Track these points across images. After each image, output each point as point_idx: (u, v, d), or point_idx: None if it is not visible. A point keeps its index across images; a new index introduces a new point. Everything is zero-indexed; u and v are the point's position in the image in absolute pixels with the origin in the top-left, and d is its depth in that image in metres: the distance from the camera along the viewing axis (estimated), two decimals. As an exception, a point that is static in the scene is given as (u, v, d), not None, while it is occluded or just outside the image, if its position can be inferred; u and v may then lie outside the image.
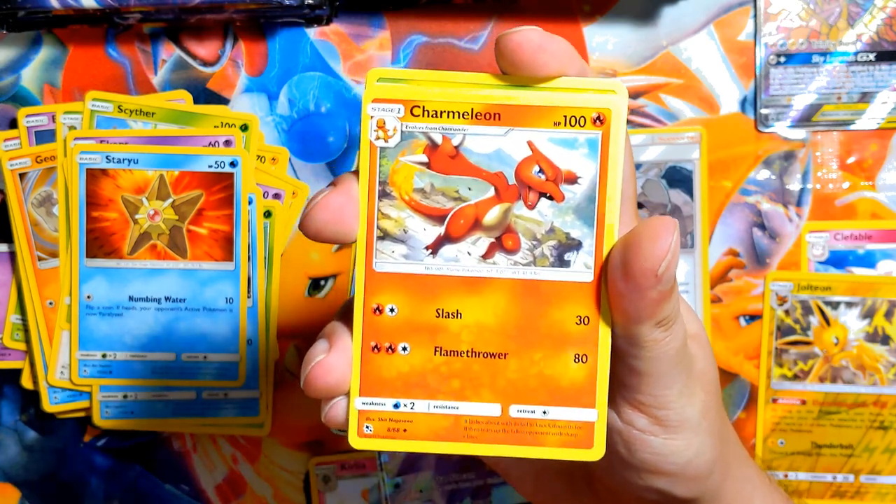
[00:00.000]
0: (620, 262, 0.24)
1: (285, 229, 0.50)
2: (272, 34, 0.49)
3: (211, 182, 0.48)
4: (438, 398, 0.26)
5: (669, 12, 0.49)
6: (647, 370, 0.26)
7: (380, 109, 0.25)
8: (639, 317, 0.25)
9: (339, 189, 0.26)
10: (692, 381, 0.27)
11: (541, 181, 0.26)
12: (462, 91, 0.25)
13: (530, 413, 0.26)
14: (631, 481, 0.29)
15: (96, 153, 0.48)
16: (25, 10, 0.46)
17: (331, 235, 0.26)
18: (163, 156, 0.48)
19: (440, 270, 0.26)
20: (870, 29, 0.49)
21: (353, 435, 0.26)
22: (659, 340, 0.26)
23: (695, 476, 0.28)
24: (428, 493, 0.51)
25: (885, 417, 0.50)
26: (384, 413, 0.26)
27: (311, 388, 0.26)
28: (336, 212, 0.25)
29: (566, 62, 0.25)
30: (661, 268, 0.24)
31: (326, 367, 0.26)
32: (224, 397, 0.50)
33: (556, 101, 0.25)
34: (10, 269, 0.50)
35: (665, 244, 0.24)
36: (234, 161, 0.48)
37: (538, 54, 0.25)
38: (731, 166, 0.50)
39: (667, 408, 0.27)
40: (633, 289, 0.24)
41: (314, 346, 0.26)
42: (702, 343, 0.29)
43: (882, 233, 0.50)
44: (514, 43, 0.25)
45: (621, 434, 0.28)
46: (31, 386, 0.50)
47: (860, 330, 0.49)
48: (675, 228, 0.24)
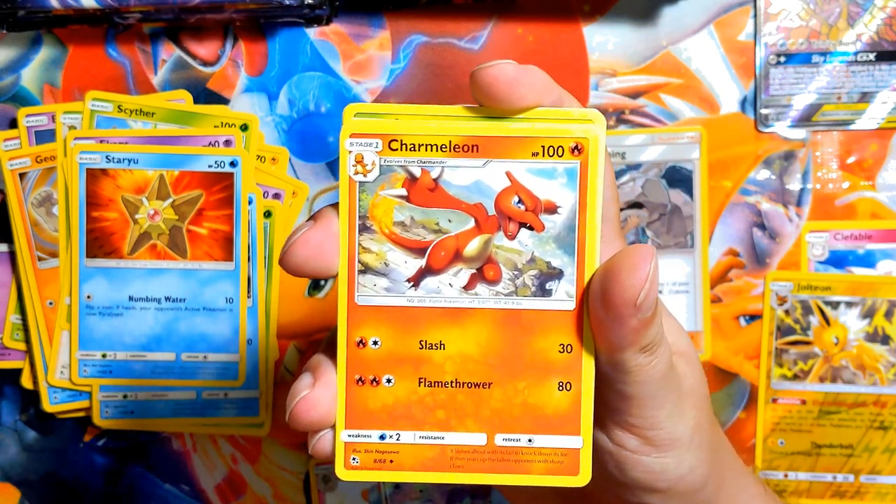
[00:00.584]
0: (600, 292, 0.25)
1: (285, 229, 0.50)
2: (272, 34, 0.49)
3: (211, 182, 0.48)
4: (424, 429, 0.26)
5: (669, 12, 0.49)
6: (635, 394, 0.26)
7: (358, 144, 0.25)
8: (621, 345, 0.25)
9: (319, 224, 0.26)
10: (682, 400, 0.27)
11: (520, 212, 0.26)
12: (439, 124, 0.25)
13: (516, 441, 0.26)
14: (625, 499, 0.29)
15: (96, 153, 0.48)
16: (25, 9, 0.46)
17: (311, 270, 0.26)
18: (163, 156, 0.48)
19: (422, 302, 0.26)
20: (870, 29, 0.49)
21: (339, 467, 0.26)
22: (644, 365, 0.26)
23: (688, 491, 0.28)
24: (428, 493, 0.51)
25: (885, 417, 0.50)
26: (370, 445, 0.26)
27: (297, 423, 0.26)
28: (316, 247, 0.25)
29: (542, 93, 0.25)
30: (640, 297, 0.24)
31: (311, 401, 0.26)
32: (224, 397, 0.50)
33: (534, 131, 0.25)
34: (10, 270, 0.50)
35: (643, 274, 0.24)
36: (234, 161, 0.48)
37: (513, 87, 0.25)
38: (731, 166, 0.50)
39: (657, 428, 0.27)
40: (614, 318, 0.24)
41: (299, 380, 0.27)
42: (690, 360, 0.29)
43: (882, 233, 0.50)
44: (490, 77, 0.25)
45: (612, 455, 0.28)
46: (31, 386, 0.50)
47: (860, 330, 0.49)
48: (653, 257, 0.24)
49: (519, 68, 0.25)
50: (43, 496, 0.52)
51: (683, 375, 0.28)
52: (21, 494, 0.52)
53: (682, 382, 0.27)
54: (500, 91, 0.25)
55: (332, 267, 0.26)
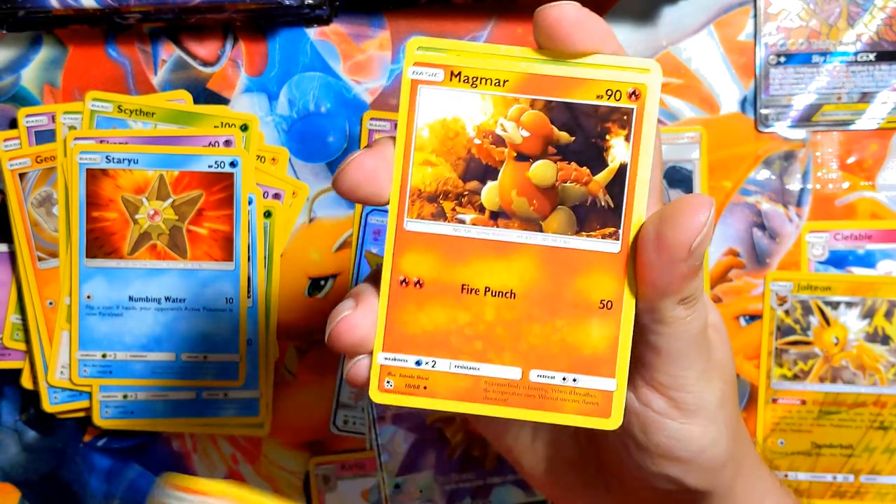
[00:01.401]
0: (654, 233, 0.25)
1: (285, 229, 0.50)
2: (272, 34, 0.49)
3: (211, 182, 0.48)
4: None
5: (669, 12, 0.49)
6: (667, 348, 0.26)
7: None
8: (665, 290, 0.25)
9: (375, 150, 0.26)
10: (711, 367, 0.27)
11: None
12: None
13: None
14: (644, 467, 0.29)
15: (96, 153, 0.48)
16: (25, 10, 0.46)
17: (363, 195, 0.26)
18: (163, 156, 0.48)
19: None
20: (870, 29, 0.49)
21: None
22: (681, 318, 0.26)
23: (708, 466, 0.28)
24: (428, 493, 0.51)
25: (885, 417, 0.50)
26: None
27: (336, 342, 0.26)
28: (370, 172, 0.26)
29: (602, 40, 0.25)
30: (696, 242, 0.24)
31: (351, 322, 0.26)
32: (224, 397, 0.50)
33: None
34: (10, 270, 0.50)
35: (702, 219, 0.24)
36: (234, 161, 0.48)
37: (575, 29, 0.25)
38: (731, 166, 0.50)
39: (685, 390, 0.27)
40: (665, 261, 0.24)
41: (341, 303, 0.27)
42: (721, 334, 0.29)
43: (882, 233, 0.50)
44: (553, 17, 0.25)
45: (638, 416, 0.28)
46: (31, 386, 0.50)
47: (860, 330, 0.49)
48: (712, 206, 0.24)
49: (581, 10, 0.25)
50: (43, 496, 0.52)
51: (714, 344, 0.28)
52: (21, 494, 0.52)
53: (712, 350, 0.28)
54: (561, 32, 0.25)
55: (384, 193, 0.26)
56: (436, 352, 0.26)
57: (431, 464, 0.51)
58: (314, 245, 0.50)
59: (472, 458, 0.51)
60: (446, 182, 0.26)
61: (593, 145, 0.26)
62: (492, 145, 0.26)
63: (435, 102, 0.26)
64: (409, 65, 0.26)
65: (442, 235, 0.26)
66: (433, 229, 0.26)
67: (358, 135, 0.50)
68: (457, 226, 0.26)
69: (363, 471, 0.51)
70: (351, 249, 0.50)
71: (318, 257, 0.50)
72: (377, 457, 0.51)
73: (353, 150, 0.50)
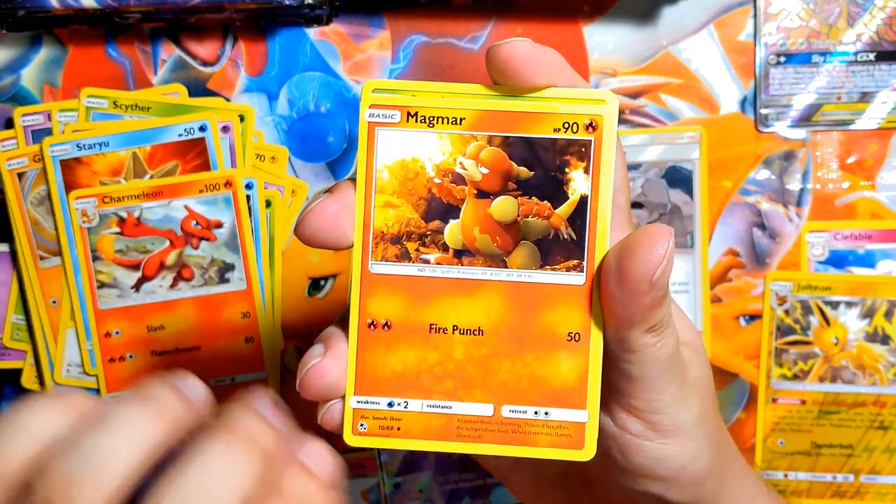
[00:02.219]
0: (616, 267, 0.25)
1: (285, 228, 0.50)
2: (272, 34, 0.49)
3: (184, 150, 0.48)
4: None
5: (669, 12, 0.49)
6: (639, 375, 0.26)
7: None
8: (631, 322, 0.25)
9: (335, 195, 0.26)
10: (686, 387, 0.27)
11: None
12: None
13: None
14: (626, 486, 0.29)
15: (66, 143, 0.48)
16: (25, 9, 0.46)
17: (325, 241, 0.26)
18: (132, 134, 0.48)
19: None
20: (870, 29, 0.49)
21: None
22: (650, 345, 0.26)
23: (690, 482, 0.28)
24: (428, 493, 0.51)
25: (885, 417, 0.50)
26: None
27: (307, 390, 0.26)
28: (331, 217, 0.26)
29: (557, 73, 0.25)
30: (656, 274, 0.24)
31: (322, 370, 0.26)
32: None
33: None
34: (10, 269, 0.50)
35: (661, 251, 0.24)
36: (202, 126, 0.48)
37: (528, 65, 0.25)
38: (731, 166, 0.50)
39: (660, 412, 0.27)
40: (627, 294, 0.24)
41: (311, 349, 0.27)
42: (697, 350, 0.29)
43: (882, 233, 0.50)
44: (505, 53, 0.25)
45: (615, 439, 0.28)
46: (38, 387, 0.50)
47: (860, 330, 0.49)
48: (671, 236, 0.24)
49: (534, 46, 0.25)
50: (43, 496, 0.52)
51: (689, 364, 0.28)
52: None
53: (687, 371, 0.28)
54: (515, 68, 0.25)
55: (347, 238, 0.26)
56: (407, 392, 0.27)
57: (431, 464, 0.51)
58: (314, 245, 0.50)
59: (472, 458, 0.51)
60: (408, 223, 0.27)
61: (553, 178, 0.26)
62: (452, 184, 0.26)
63: (393, 144, 0.26)
64: (364, 107, 0.26)
65: (407, 276, 0.26)
66: (398, 271, 0.26)
67: (357, 135, 0.50)
68: (422, 266, 0.26)
69: (363, 471, 0.51)
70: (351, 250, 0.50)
71: (318, 257, 0.50)
72: (377, 457, 0.51)
73: (353, 150, 0.50)
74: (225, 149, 0.49)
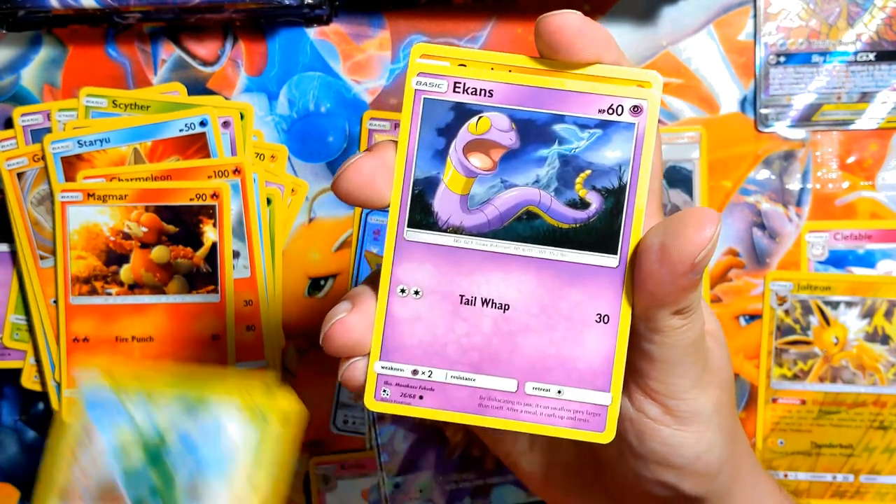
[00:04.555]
0: (659, 244, 0.24)
1: (285, 228, 0.50)
2: (272, 34, 0.49)
3: (185, 145, 0.48)
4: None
5: (669, 12, 0.49)
6: (661, 356, 0.26)
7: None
8: (663, 301, 0.25)
9: (374, 153, 0.26)
10: (706, 375, 0.27)
11: None
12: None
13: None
14: (640, 473, 0.29)
15: (67, 140, 0.48)
16: (25, 9, 0.46)
17: (361, 198, 0.26)
18: (133, 129, 0.48)
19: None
20: (870, 29, 0.49)
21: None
22: (676, 328, 0.26)
23: (704, 472, 0.28)
24: (428, 492, 0.51)
25: (885, 417, 0.50)
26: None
27: (330, 345, 0.26)
28: (368, 175, 0.26)
29: (603, 49, 0.25)
30: (700, 256, 0.24)
31: (347, 325, 0.26)
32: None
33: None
34: (10, 269, 0.50)
35: (708, 233, 0.24)
36: (203, 120, 0.48)
37: (577, 39, 0.25)
38: (731, 166, 0.50)
39: (678, 398, 0.27)
40: (666, 272, 0.24)
41: (337, 305, 0.27)
42: (719, 341, 0.29)
43: (882, 233, 0.50)
44: (554, 26, 0.25)
45: (633, 422, 0.28)
46: (39, 387, 0.50)
47: (860, 330, 0.49)
48: (719, 221, 0.24)
49: (583, 20, 0.25)
50: (43, 496, 0.52)
51: (711, 352, 0.28)
52: (21, 494, 0.52)
53: (708, 358, 0.28)
54: (563, 41, 0.25)
55: (383, 197, 0.26)
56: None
57: (431, 464, 0.51)
58: (314, 245, 0.50)
59: (472, 458, 0.51)
60: None
61: (191, 232, 0.28)
62: None
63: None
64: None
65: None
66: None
67: (358, 135, 0.50)
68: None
69: (363, 471, 0.51)
70: (351, 249, 0.50)
71: (317, 257, 0.50)
72: (377, 457, 0.51)
73: (353, 150, 0.50)
74: (226, 143, 0.49)
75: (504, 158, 0.26)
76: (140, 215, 0.30)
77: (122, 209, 0.35)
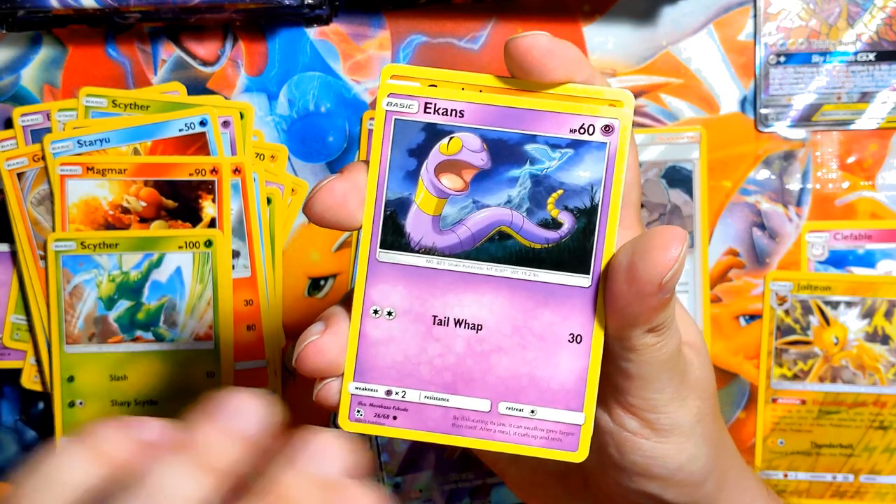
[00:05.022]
0: (626, 265, 0.25)
1: (285, 228, 0.50)
2: (272, 34, 0.49)
3: (185, 145, 0.48)
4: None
5: (669, 12, 0.49)
6: (637, 373, 0.26)
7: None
8: (634, 321, 0.25)
9: (346, 175, 0.26)
10: (685, 387, 0.27)
11: None
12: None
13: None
14: (623, 484, 0.29)
15: (67, 140, 0.48)
16: (25, 9, 0.46)
17: (333, 221, 0.26)
18: (133, 129, 0.48)
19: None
20: (870, 29, 0.49)
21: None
22: (651, 345, 0.26)
23: (687, 482, 0.28)
24: (428, 492, 0.51)
25: (885, 417, 0.50)
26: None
27: (303, 366, 0.26)
28: (340, 197, 0.26)
29: (574, 68, 0.25)
30: (666, 277, 0.24)
31: (320, 347, 0.26)
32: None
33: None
34: (10, 269, 0.50)
35: (674, 254, 0.24)
36: (203, 120, 0.48)
37: (547, 59, 0.25)
38: (731, 166, 0.50)
39: (657, 411, 0.27)
40: (634, 293, 0.24)
41: (310, 326, 0.27)
42: (698, 351, 0.29)
43: (882, 232, 0.50)
44: (524, 47, 0.25)
45: (612, 435, 0.28)
46: (39, 387, 0.50)
47: (860, 330, 0.49)
48: (685, 240, 0.24)
49: (552, 40, 0.25)
50: (43, 496, 0.52)
51: (689, 364, 0.28)
52: (21, 494, 0.52)
53: (687, 371, 0.28)
54: (533, 62, 0.25)
55: (355, 219, 0.26)
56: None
57: (431, 464, 0.51)
58: (314, 245, 0.50)
59: (472, 458, 0.51)
60: None
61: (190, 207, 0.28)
62: None
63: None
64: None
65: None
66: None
67: (358, 134, 0.50)
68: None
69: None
70: (351, 249, 0.50)
71: (317, 257, 0.50)
72: (377, 457, 0.51)
73: (354, 150, 0.50)
74: (226, 143, 0.49)
75: (475, 179, 0.26)
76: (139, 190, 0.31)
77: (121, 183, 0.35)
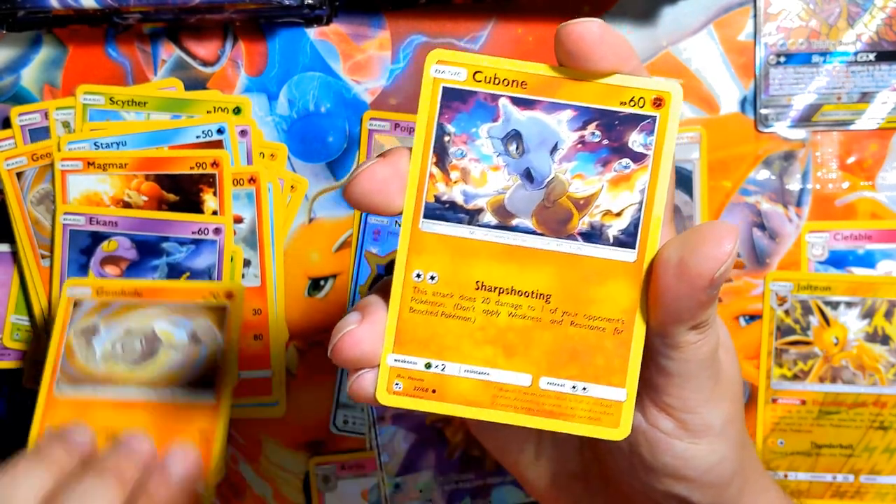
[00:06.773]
0: (677, 260, 0.24)
1: (285, 228, 0.50)
2: (272, 34, 0.49)
3: None
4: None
5: (669, 12, 0.49)
6: (676, 371, 0.26)
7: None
8: (680, 317, 0.25)
9: (388, 160, 0.26)
10: (719, 388, 0.27)
11: None
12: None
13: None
14: (651, 485, 0.29)
15: (84, 142, 0.48)
16: (25, 10, 0.46)
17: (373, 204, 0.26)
18: (150, 133, 0.48)
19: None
20: (870, 29, 0.49)
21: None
22: (692, 343, 0.25)
23: (715, 483, 0.28)
24: (428, 493, 0.51)
25: (885, 417, 0.50)
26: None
27: (339, 357, 0.26)
28: (381, 182, 0.25)
29: (623, 58, 0.25)
30: (719, 272, 0.24)
31: (355, 337, 0.26)
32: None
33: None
34: (11, 269, 0.50)
35: (727, 248, 0.23)
36: (220, 128, 0.48)
37: (598, 47, 0.24)
38: (731, 166, 0.50)
39: (692, 412, 0.27)
40: (684, 288, 0.24)
41: (346, 316, 0.26)
42: (729, 352, 0.29)
43: (882, 233, 0.50)
44: (575, 34, 0.24)
45: (646, 435, 0.28)
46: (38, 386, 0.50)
47: (860, 330, 0.49)
48: (738, 235, 0.24)
49: (605, 28, 0.24)
50: (43, 496, 0.52)
51: (723, 365, 0.28)
52: (21, 494, 0.52)
53: (721, 372, 0.27)
54: (584, 49, 0.24)
55: (394, 204, 0.26)
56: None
57: (431, 464, 0.51)
58: (314, 245, 0.50)
59: (472, 458, 0.51)
60: None
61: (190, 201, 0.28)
62: None
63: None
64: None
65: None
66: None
67: (358, 135, 0.50)
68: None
69: (363, 471, 0.51)
70: (351, 249, 0.50)
71: (317, 257, 0.50)
72: (377, 457, 0.51)
73: (354, 150, 0.50)
74: (242, 152, 0.49)
75: None
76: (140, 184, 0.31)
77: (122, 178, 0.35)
